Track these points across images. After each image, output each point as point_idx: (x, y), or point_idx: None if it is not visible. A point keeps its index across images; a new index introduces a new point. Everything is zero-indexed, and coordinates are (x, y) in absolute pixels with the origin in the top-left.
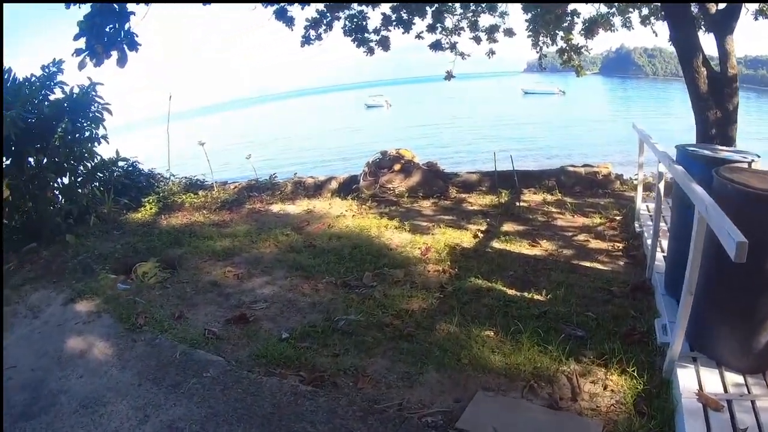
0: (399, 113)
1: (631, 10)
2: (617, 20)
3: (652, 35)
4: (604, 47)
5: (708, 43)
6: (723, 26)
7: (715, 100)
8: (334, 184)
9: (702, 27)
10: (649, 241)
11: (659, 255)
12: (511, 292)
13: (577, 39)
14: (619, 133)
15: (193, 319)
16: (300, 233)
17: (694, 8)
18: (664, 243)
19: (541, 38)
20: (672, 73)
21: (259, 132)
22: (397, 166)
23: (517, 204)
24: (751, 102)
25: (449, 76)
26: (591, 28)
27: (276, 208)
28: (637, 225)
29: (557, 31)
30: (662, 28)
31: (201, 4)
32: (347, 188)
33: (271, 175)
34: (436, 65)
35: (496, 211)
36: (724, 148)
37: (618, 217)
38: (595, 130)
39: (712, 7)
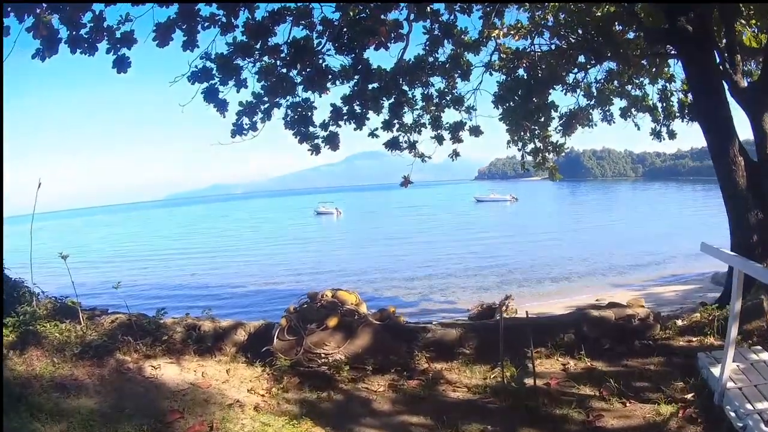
0: (350, 223)
1: (612, 101)
2: (596, 114)
3: (601, 137)
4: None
5: None
6: (759, 100)
7: (754, 196)
8: (240, 335)
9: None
10: None
11: None
12: None
13: (555, 136)
14: (592, 241)
15: None
16: None
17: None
18: None
19: (520, 134)
20: (620, 174)
21: (191, 236)
22: (332, 321)
23: (531, 384)
24: (710, 193)
25: (406, 182)
26: (569, 122)
27: (150, 368)
28: (730, 413)
29: (535, 127)
30: (644, 121)
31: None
32: (259, 344)
33: (158, 310)
34: (385, 174)
35: (500, 405)
36: None
37: (689, 396)
38: (562, 241)
39: (741, 81)
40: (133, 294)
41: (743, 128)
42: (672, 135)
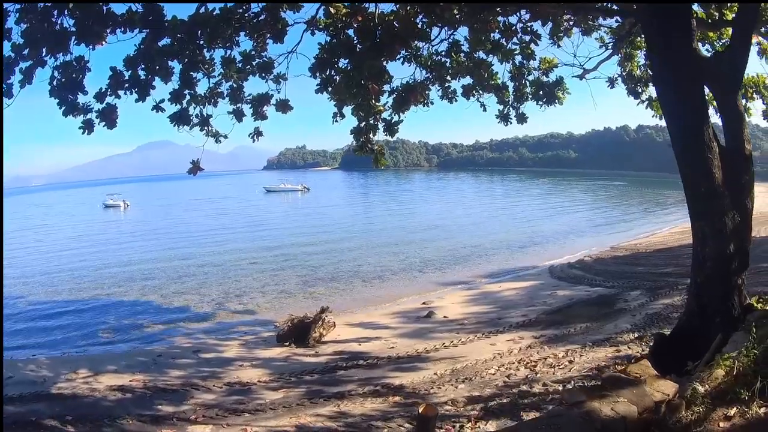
0: (138, 218)
1: (451, 80)
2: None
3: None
4: (345, 142)
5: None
6: (734, 70)
7: (732, 194)
8: None
9: None
10: None
11: None
12: None
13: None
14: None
15: None
16: None
17: None
18: None
19: (359, 101)
20: (414, 164)
21: None
22: None
23: None
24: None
25: (195, 168)
26: (405, 98)
27: None
28: None
29: (370, 96)
30: (491, 99)
31: None
32: None
33: None
34: (176, 164)
35: None
36: None
37: None
38: (363, 233)
39: (699, 49)
40: None
41: None
42: (522, 119)
